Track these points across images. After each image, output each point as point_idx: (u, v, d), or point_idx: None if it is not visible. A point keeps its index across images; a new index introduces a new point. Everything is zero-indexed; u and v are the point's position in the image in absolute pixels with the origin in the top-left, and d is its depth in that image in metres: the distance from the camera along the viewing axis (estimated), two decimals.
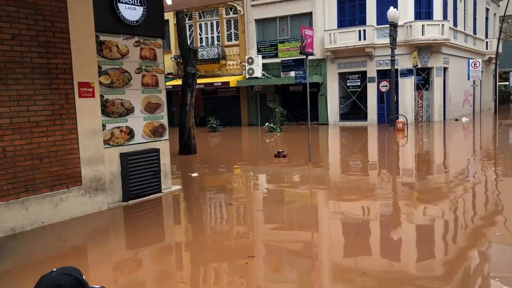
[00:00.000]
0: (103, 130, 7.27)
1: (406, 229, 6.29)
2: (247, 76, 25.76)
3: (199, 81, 23.57)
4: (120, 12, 7.45)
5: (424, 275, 4.64)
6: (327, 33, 23.91)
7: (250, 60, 25.53)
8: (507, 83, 37.75)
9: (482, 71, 24.63)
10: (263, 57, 25.84)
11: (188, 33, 27.33)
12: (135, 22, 7.72)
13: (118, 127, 7.60)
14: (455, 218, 6.75)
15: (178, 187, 8.93)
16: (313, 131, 20.42)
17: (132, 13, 7.65)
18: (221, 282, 4.60)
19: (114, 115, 7.53)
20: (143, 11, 7.84)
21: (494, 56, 30.36)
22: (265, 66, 25.72)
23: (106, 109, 7.38)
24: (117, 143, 7.56)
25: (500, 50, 31.18)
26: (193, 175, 10.51)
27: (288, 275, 4.76)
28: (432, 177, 10.21)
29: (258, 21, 26.34)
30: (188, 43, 22.09)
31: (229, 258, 5.18)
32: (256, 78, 25.56)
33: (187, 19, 27.04)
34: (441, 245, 5.58)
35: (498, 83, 32.63)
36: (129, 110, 7.77)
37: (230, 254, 5.30)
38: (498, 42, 29.77)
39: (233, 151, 16.18)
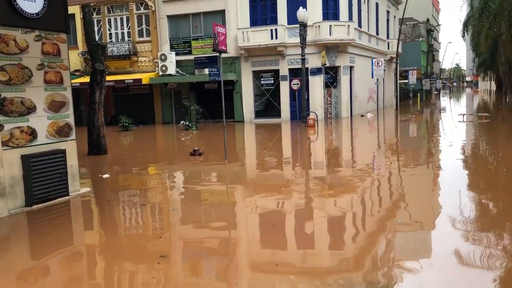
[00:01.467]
0: (1, 130, 6.71)
1: (318, 220, 6.54)
2: (160, 73, 25.22)
3: (109, 78, 22.66)
4: (17, 4, 6.90)
5: (335, 263, 4.87)
6: (240, 31, 24.13)
7: (163, 57, 25.01)
8: (406, 81, 40.77)
9: (384, 70, 26.39)
10: (176, 54, 25.43)
11: (96, 28, 26.10)
12: (35, 15, 7.19)
13: (19, 127, 7.05)
14: (363, 208, 7.16)
15: (87, 189, 8.51)
16: (229, 129, 20.54)
17: (31, 5, 7.13)
18: (132, 283, 4.47)
19: (13, 114, 6.97)
20: (44, 4, 7.33)
21: (395, 55, 32.66)
22: (179, 63, 25.34)
23: (4, 108, 6.82)
24: (17, 144, 7.02)
25: (400, 50, 33.61)
26: (104, 176, 10.07)
27: (201, 271, 4.75)
28: (341, 170, 10.74)
29: (170, 18, 25.87)
30: (96, 38, 21.10)
31: (140, 259, 5.04)
32: (170, 75, 25.11)
33: (94, 14, 25.79)
34: (350, 234, 5.89)
35: (398, 81, 35.16)
36: (31, 109, 7.25)
37: (142, 255, 5.16)
38: (398, 43, 32.05)
39: (146, 151, 15.75)
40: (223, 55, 11.79)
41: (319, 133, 18.72)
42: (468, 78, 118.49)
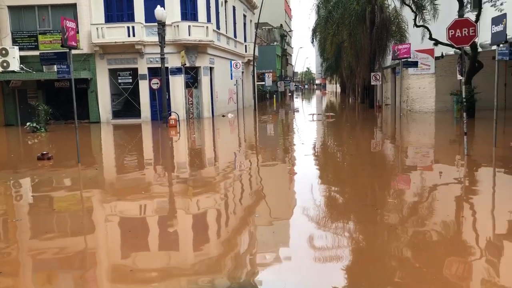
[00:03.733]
0: None
1: (180, 222, 6.46)
2: (1, 69, 22.48)
3: None
4: None
5: (197, 264, 4.83)
6: (94, 27, 22.76)
7: (4, 52, 22.33)
8: (263, 83, 42.75)
9: (243, 72, 27.26)
10: (20, 49, 22.94)
11: None
12: None
13: None
14: (225, 206, 7.26)
15: None
16: (84, 130, 19.28)
17: None
18: None
19: None
20: None
21: (252, 58, 34.02)
22: (24, 59, 22.87)
23: None
24: None
25: (256, 53, 35.13)
26: None
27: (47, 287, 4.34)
28: (204, 169, 10.79)
29: (12, 8, 23.27)
30: None
31: None
32: (13, 72, 22.52)
33: None
34: (214, 232, 5.92)
35: (256, 83, 36.67)
36: None
37: None
38: (255, 46, 33.46)
39: None
40: (75, 51, 11.00)
41: (181, 133, 18.59)
42: (317, 81, 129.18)
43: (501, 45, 10.63)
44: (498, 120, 11.15)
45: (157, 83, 21.43)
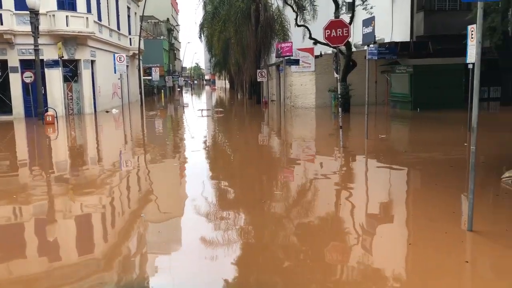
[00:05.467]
0: None
1: (60, 226, 6.01)
2: None
3: None
4: None
5: (80, 269, 4.54)
6: None
7: None
8: (150, 77, 41.59)
9: (127, 66, 26.19)
10: None
11: None
12: None
13: None
14: (109, 207, 6.94)
15: None
16: None
17: None
18: None
19: None
20: None
21: (137, 52, 32.89)
22: None
23: None
24: None
25: (142, 47, 34.01)
26: None
27: None
28: (86, 169, 10.17)
29: None
30: None
31: None
32: None
33: None
34: (97, 236, 5.63)
35: (142, 77, 35.55)
36: None
37: None
38: (140, 39, 32.38)
39: None
40: None
41: (59, 131, 17.32)
42: (207, 77, 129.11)
43: (371, 45, 11.62)
44: (369, 115, 12.19)
45: (31, 77, 19.72)
